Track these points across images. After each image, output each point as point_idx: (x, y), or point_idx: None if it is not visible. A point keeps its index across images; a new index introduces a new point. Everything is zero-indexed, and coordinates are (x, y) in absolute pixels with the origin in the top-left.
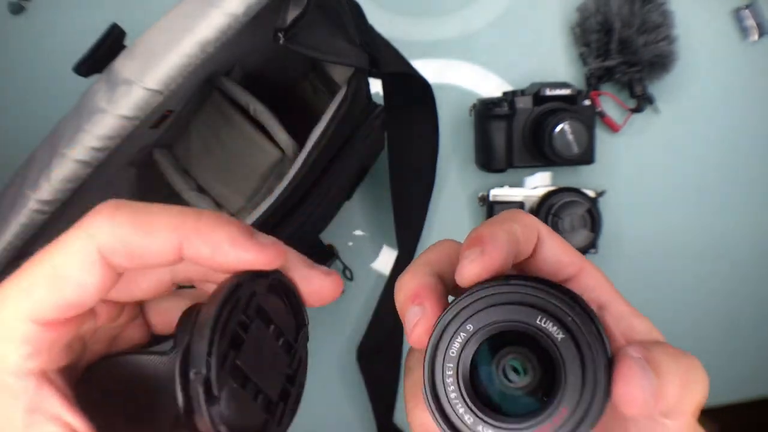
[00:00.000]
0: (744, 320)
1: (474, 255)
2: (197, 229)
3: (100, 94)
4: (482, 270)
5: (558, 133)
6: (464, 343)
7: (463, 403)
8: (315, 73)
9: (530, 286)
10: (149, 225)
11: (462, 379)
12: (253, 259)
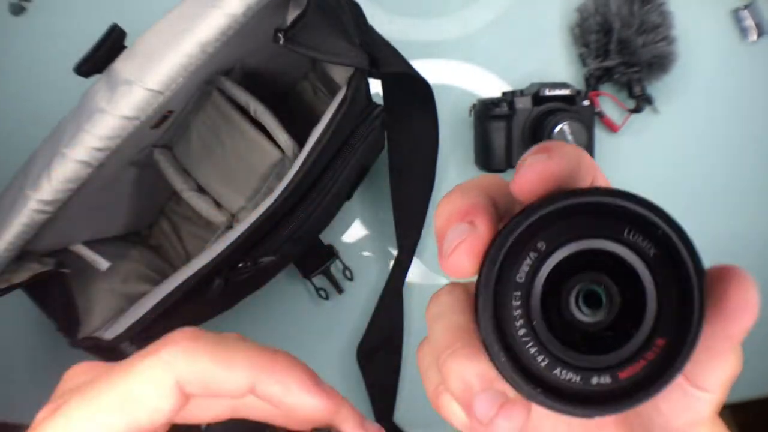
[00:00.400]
0: None
1: (539, 160)
2: (272, 370)
3: (101, 95)
4: (548, 176)
5: (557, 133)
6: (535, 266)
7: (536, 340)
8: (315, 74)
9: (612, 195)
10: (228, 361)
11: (533, 312)
12: (318, 405)
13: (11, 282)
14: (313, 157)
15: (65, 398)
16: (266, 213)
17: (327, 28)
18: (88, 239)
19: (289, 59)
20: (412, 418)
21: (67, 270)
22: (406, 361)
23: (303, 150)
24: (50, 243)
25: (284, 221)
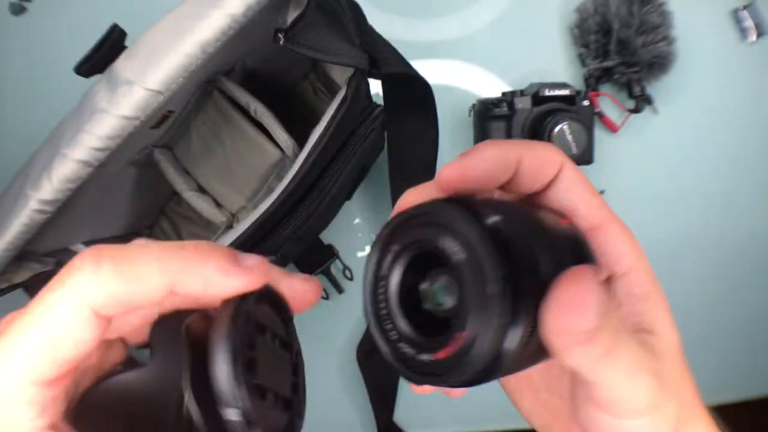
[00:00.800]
0: (745, 319)
1: (454, 163)
2: (185, 268)
3: (101, 95)
4: (454, 179)
5: (557, 133)
6: (391, 263)
7: (390, 320)
8: (315, 74)
9: (444, 205)
10: (137, 272)
11: (391, 297)
12: (243, 284)
13: (11, 282)
14: (313, 157)
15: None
16: (266, 213)
17: (327, 29)
18: (88, 239)
19: (289, 59)
20: (412, 418)
21: None
22: None
23: (303, 150)
24: (51, 243)
25: (284, 221)
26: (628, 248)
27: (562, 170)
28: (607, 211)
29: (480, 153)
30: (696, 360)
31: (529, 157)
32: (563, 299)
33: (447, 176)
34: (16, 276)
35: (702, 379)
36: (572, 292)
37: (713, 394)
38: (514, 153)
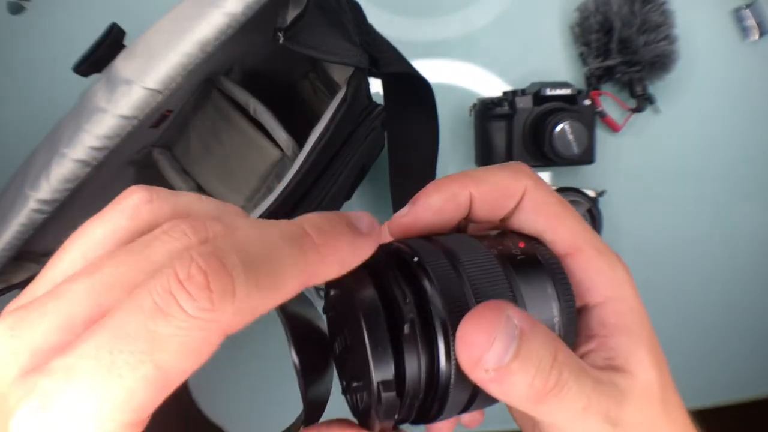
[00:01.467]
0: (745, 319)
1: (401, 212)
2: (322, 262)
3: (100, 94)
4: (406, 228)
5: (558, 132)
6: None
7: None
8: (315, 73)
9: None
10: (277, 282)
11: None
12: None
13: (10, 282)
14: (312, 157)
15: None
16: (266, 213)
17: (327, 28)
18: None
19: (288, 58)
20: None
21: None
22: None
23: (303, 149)
24: (49, 243)
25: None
26: (603, 277)
27: (525, 195)
28: (579, 236)
29: (426, 199)
30: (696, 360)
31: (480, 191)
32: (461, 336)
33: (398, 226)
34: (14, 277)
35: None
36: (469, 329)
37: (712, 395)
38: (462, 193)
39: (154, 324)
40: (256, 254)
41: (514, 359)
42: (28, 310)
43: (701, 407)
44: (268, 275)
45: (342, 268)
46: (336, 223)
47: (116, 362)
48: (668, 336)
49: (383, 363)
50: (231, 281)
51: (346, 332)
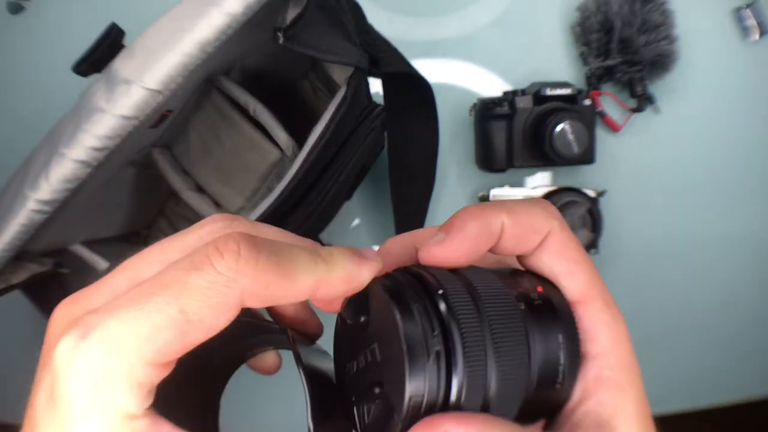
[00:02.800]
0: (745, 319)
1: (436, 240)
2: (330, 272)
3: (100, 94)
4: (437, 261)
5: (558, 132)
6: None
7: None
8: (315, 73)
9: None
10: (293, 271)
11: None
12: (375, 271)
13: (9, 282)
14: (312, 157)
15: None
16: (265, 213)
17: (327, 27)
18: (86, 239)
19: (288, 58)
20: None
21: (66, 270)
22: None
23: (303, 150)
24: (49, 243)
25: (284, 221)
26: (606, 329)
27: (548, 237)
28: (591, 285)
29: (462, 229)
30: (696, 359)
31: (511, 224)
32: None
33: (433, 257)
34: (14, 276)
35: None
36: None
37: (711, 395)
38: (495, 222)
39: (187, 276)
40: (279, 246)
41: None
42: (85, 290)
43: (701, 408)
44: (287, 262)
45: (346, 283)
46: (342, 249)
47: (149, 303)
48: (667, 335)
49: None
50: (257, 253)
51: (373, 350)
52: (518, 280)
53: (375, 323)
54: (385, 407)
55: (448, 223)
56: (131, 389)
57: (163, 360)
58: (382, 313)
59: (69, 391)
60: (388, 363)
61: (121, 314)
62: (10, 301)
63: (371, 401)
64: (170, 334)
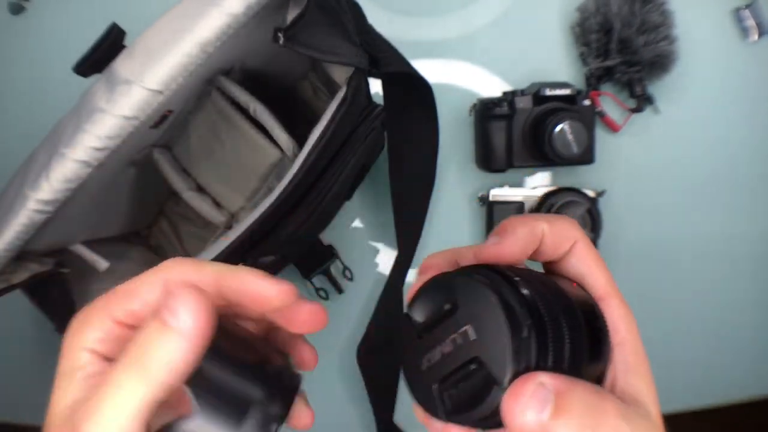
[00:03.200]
0: (744, 320)
1: (492, 242)
2: (231, 275)
3: (100, 94)
4: (492, 257)
5: (558, 133)
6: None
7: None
8: (315, 73)
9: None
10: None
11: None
12: (269, 289)
13: (10, 282)
14: (313, 157)
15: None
16: (266, 213)
17: (327, 28)
18: (87, 239)
19: (289, 59)
20: (412, 418)
21: (67, 270)
22: None
23: (303, 150)
24: (49, 243)
25: (284, 221)
26: (624, 322)
27: (576, 244)
28: (611, 284)
29: (515, 232)
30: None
31: (550, 232)
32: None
33: (488, 253)
34: (15, 276)
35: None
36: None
37: (711, 395)
38: (538, 229)
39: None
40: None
41: (554, 418)
42: None
43: (700, 408)
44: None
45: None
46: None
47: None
48: (667, 335)
49: (519, 350)
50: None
51: (464, 332)
52: (557, 278)
53: (464, 308)
54: (484, 379)
55: (500, 229)
56: (90, 326)
57: (114, 317)
58: (474, 298)
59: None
60: (485, 340)
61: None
62: (11, 301)
63: (465, 378)
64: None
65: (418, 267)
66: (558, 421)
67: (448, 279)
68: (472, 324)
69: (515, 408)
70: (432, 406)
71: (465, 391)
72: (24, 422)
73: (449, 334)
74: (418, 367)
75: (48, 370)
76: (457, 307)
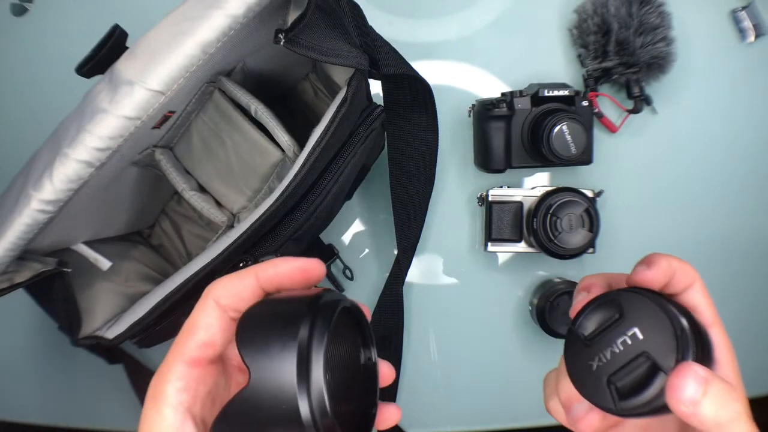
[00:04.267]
0: (744, 319)
1: (643, 269)
2: (264, 265)
3: (103, 95)
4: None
5: (556, 133)
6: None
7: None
8: (315, 74)
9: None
10: (241, 276)
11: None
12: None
13: (13, 281)
14: (313, 158)
15: None
16: (267, 213)
17: (327, 29)
18: (89, 239)
19: (289, 60)
20: (412, 418)
21: (69, 269)
22: (406, 360)
23: (303, 150)
24: (52, 242)
25: (285, 221)
26: (727, 347)
27: (694, 283)
28: (716, 316)
29: (660, 264)
30: None
31: (679, 269)
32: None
33: (641, 279)
34: (18, 275)
35: None
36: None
37: None
38: (674, 266)
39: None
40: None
41: (704, 397)
42: None
43: None
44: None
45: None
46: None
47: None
48: None
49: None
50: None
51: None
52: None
53: (631, 316)
54: (651, 368)
55: (647, 260)
56: (170, 381)
57: (187, 357)
58: (639, 307)
59: (148, 392)
60: (651, 338)
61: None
62: (14, 300)
63: (634, 369)
64: (185, 338)
65: (577, 286)
66: (706, 399)
67: (614, 295)
68: (639, 327)
69: (679, 383)
70: (603, 397)
71: (634, 380)
72: (25, 422)
73: (619, 336)
74: (589, 367)
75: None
76: (623, 316)
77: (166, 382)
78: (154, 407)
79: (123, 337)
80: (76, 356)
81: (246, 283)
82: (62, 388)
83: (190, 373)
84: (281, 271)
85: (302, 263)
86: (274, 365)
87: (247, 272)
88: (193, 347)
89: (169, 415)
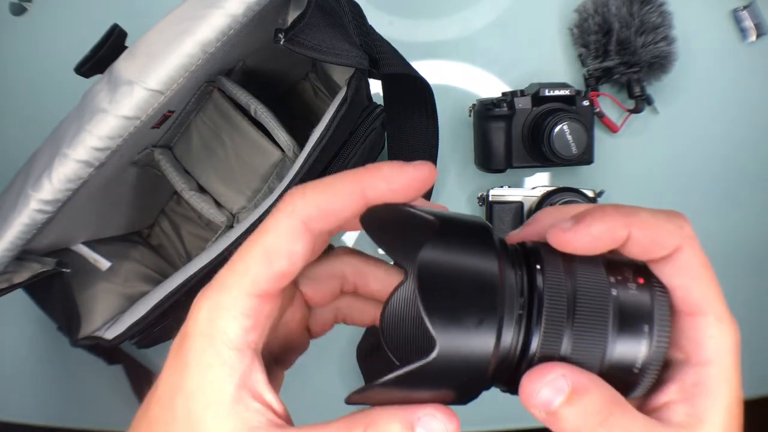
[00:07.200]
0: (743, 319)
1: (564, 226)
2: (368, 175)
3: (102, 95)
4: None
5: (557, 133)
6: None
7: None
8: (315, 74)
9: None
10: (333, 186)
11: None
12: (417, 174)
13: (12, 282)
14: (313, 157)
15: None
16: (267, 213)
17: (327, 29)
18: (89, 239)
19: (289, 59)
20: None
21: (68, 270)
22: None
23: (303, 150)
24: (51, 243)
25: None
26: (714, 342)
27: (678, 251)
28: (706, 301)
29: (589, 227)
30: None
31: (639, 235)
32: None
33: (557, 239)
34: (17, 276)
35: None
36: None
37: None
38: (622, 231)
39: (266, 224)
40: (325, 178)
41: (564, 406)
42: None
43: None
44: (328, 182)
45: (388, 183)
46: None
47: (245, 249)
48: None
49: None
50: (303, 188)
51: None
52: (624, 269)
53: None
54: None
55: (580, 216)
56: (235, 318)
57: (258, 289)
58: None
59: (190, 328)
60: None
61: (228, 265)
62: (13, 301)
63: None
64: (258, 266)
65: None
66: (566, 412)
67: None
68: None
69: (529, 388)
70: None
71: None
72: (24, 422)
73: None
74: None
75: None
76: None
77: (229, 317)
78: (211, 347)
79: (122, 338)
80: (75, 357)
81: (346, 201)
82: (61, 389)
83: (261, 309)
84: (396, 188)
85: (419, 173)
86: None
87: (344, 183)
88: (270, 278)
89: (233, 358)
